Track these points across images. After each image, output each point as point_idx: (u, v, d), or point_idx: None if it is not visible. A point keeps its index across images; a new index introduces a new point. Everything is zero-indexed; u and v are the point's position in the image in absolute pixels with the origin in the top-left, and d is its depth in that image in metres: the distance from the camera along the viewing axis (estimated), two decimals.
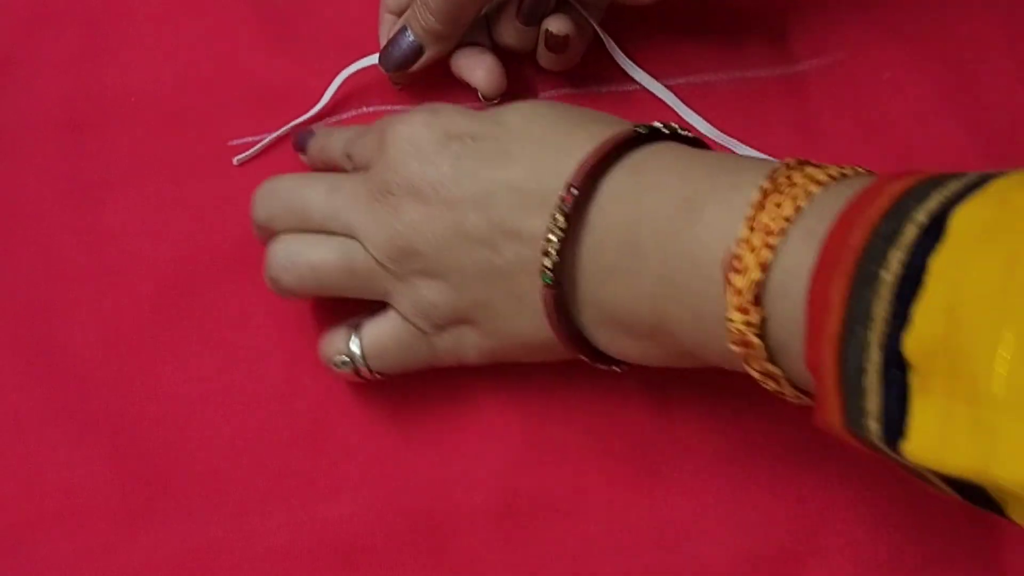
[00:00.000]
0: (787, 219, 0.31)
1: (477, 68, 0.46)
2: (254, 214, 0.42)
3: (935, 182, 0.29)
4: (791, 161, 0.33)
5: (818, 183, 0.32)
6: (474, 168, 0.38)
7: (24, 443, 0.43)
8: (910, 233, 0.28)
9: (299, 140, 0.46)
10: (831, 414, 0.30)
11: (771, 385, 0.33)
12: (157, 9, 0.49)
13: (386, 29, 0.46)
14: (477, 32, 0.46)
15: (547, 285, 0.36)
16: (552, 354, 0.39)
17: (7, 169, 0.46)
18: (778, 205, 0.32)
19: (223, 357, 0.44)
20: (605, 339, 0.37)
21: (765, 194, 0.32)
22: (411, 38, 0.44)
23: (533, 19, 0.44)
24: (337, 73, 0.47)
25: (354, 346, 0.40)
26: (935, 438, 0.27)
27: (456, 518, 0.41)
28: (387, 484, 0.42)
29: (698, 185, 0.35)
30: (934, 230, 0.28)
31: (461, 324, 0.39)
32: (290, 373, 0.44)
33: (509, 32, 0.45)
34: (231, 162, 0.47)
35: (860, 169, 0.33)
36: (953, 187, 0.28)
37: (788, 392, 0.33)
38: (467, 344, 0.40)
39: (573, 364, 0.39)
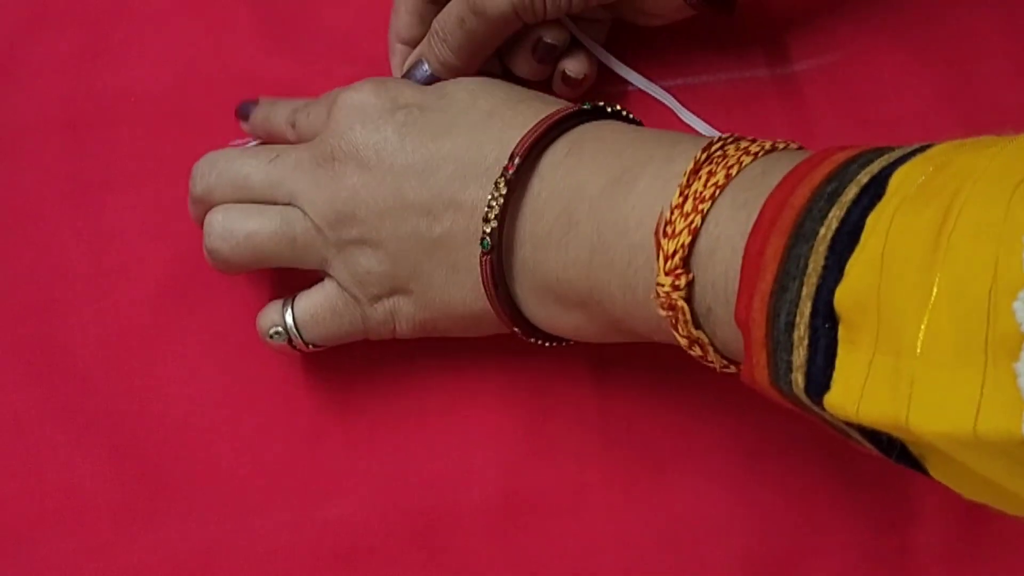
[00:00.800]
0: (718, 186, 0.32)
1: None
2: (192, 187, 0.41)
3: (881, 150, 0.30)
4: (726, 136, 0.34)
5: (751, 154, 0.33)
6: (419, 137, 0.38)
7: (24, 443, 0.43)
8: (851, 193, 0.28)
9: (242, 109, 0.46)
10: (758, 370, 0.30)
11: (696, 352, 0.33)
12: (157, 9, 0.49)
13: (398, 60, 0.46)
14: (487, 63, 0.46)
15: (485, 251, 0.37)
16: (484, 327, 0.39)
17: (7, 169, 0.46)
18: (711, 174, 0.33)
19: (223, 357, 0.44)
20: (538, 310, 0.38)
21: (698, 164, 0.33)
22: (427, 70, 0.44)
23: (549, 59, 0.44)
24: (334, 71, 0.47)
25: (287, 316, 0.40)
26: (856, 390, 0.27)
27: (456, 517, 0.41)
28: (386, 484, 0.42)
29: (635, 158, 0.35)
30: (874, 189, 0.28)
31: (396, 294, 0.39)
32: (289, 373, 0.44)
33: (524, 66, 0.45)
34: None
35: (792, 144, 0.34)
36: (898, 153, 0.29)
37: (713, 359, 0.33)
38: (401, 315, 0.40)
39: (573, 362, 0.39)
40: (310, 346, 0.41)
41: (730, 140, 0.34)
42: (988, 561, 0.40)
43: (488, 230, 0.36)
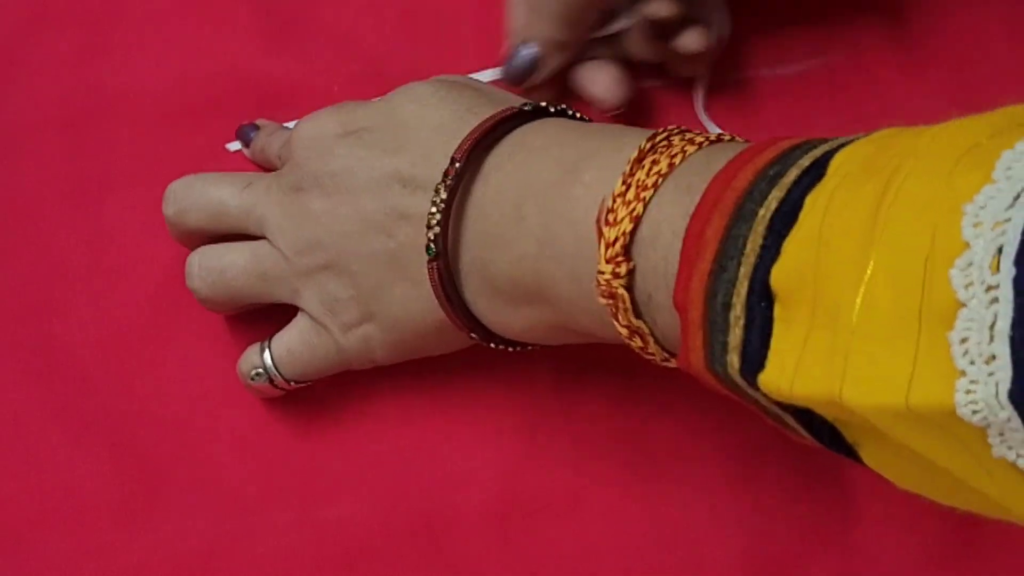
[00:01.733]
0: (661, 175, 0.32)
1: (599, 78, 0.45)
2: (164, 207, 0.42)
3: (826, 140, 0.30)
4: (672, 128, 0.34)
5: (695, 144, 0.33)
6: (369, 158, 0.39)
7: (24, 443, 0.43)
8: (792, 175, 0.29)
9: (243, 134, 0.46)
10: (694, 353, 0.30)
11: (636, 343, 0.33)
12: (157, 9, 0.49)
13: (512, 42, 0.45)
14: (597, 47, 0.45)
15: (431, 258, 0.37)
16: (450, 339, 0.39)
17: (7, 169, 0.46)
18: (655, 162, 0.33)
19: (223, 357, 0.44)
20: (489, 311, 0.38)
21: (643, 154, 0.33)
22: (530, 49, 0.44)
23: (658, 36, 0.43)
24: (335, 70, 0.47)
25: (266, 356, 0.41)
26: (791, 367, 0.26)
27: (456, 519, 0.41)
28: (386, 485, 0.42)
29: (580, 151, 0.35)
30: (815, 171, 0.28)
31: (365, 322, 0.40)
32: None
33: (636, 47, 0.45)
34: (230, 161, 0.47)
35: (738, 138, 0.34)
36: (841, 140, 0.29)
37: (654, 351, 0.33)
38: (374, 342, 0.40)
39: (572, 364, 0.39)
40: (291, 383, 0.41)
41: (675, 131, 0.34)
42: (986, 561, 0.40)
43: (432, 236, 0.37)
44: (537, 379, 0.43)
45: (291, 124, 0.46)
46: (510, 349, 0.39)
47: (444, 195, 0.36)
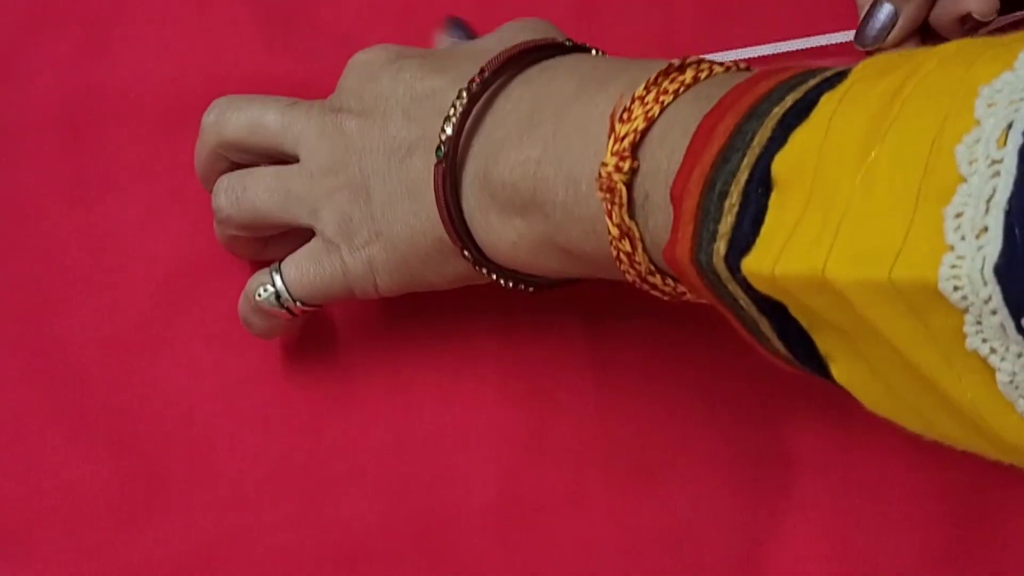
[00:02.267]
0: (684, 84, 0.32)
1: None
2: (206, 115, 0.42)
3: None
4: (704, 56, 0.34)
5: (723, 67, 0.33)
6: (411, 79, 0.39)
7: (23, 442, 0.43)
8: (813, 82, 0.28)
9: None
10: (680, 244, 0.30)
11: (625, 247, 0.33)
12: (157, 8, 0.49)
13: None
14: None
15: (439, 160, 0.37)
16: (446, 262, 0.39)
17: (7, 168, 0.46)
18: (680, 74, 0.33)
19: (222, 355, 0.44)
20: (481, 225, 0.37)
21: (671, 68, 0.33)
22: (888, 9, 0.43)
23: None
24: (337, 68, 0.47)
25: (275, 274, 0.41)
26: (777, 247, 0.26)
27: (456, 518, 0.41)
28: (387, 483, 0.42)
29: (609, 68, 0.36)
30: (837, 78, 0.28)
31: (372, 243, 0.39)
32: (288, 371, 0.44)
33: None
34: None
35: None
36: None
37: (640, 258, 0.33)
38: (378, 263, 0.39)
39: (573, 361, 0.39)
40: (297, 303, 0.41)
41: (707, 59, 0.34)
42: (989, 564, 0.41)
43: (443, 138, 0.36)
44: (536, 378, 0.43)
45: None
46: (500, 282, 0.39)
47: (465, 98, 0.36)
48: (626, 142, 0.32)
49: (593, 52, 0.39)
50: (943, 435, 0.26)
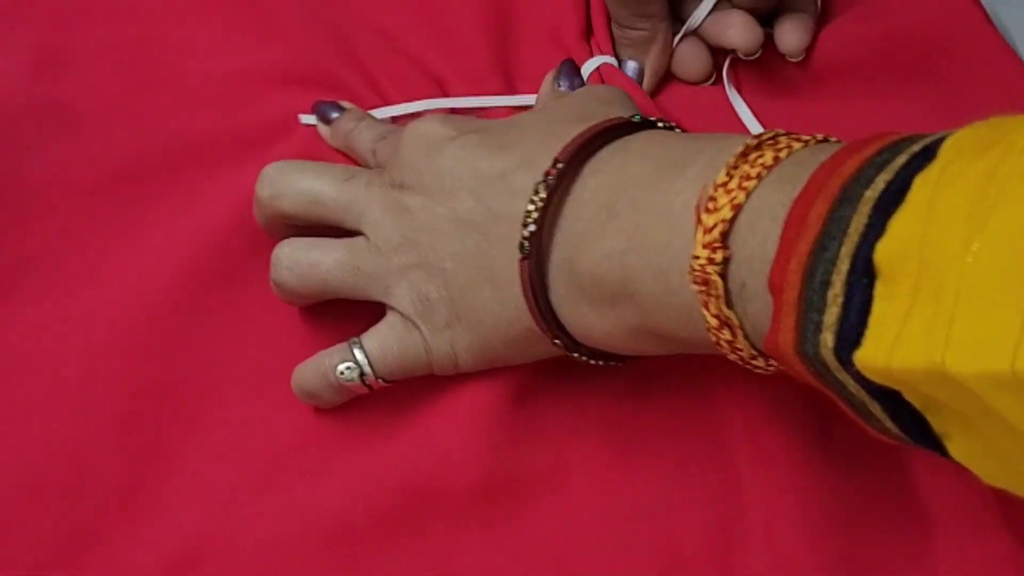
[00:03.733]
0: (765, 166, 0.32)
1: (732, 22, 0.47)
2: (258, 188, 0.42)
3: (941, 133, 0.29)
4: (779, 130, 0.34)
5: (802, 142, 0.33)
6: (474, 158, 0.39)
7: (34, 413, 0.42)
8: (901, 160, 0.28)
9: (323, 110, 0.47)
10: (783, 334, 0.29)
11: (725, 335, 0.33)
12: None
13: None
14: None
15: (523, 256, 0.36)
16: (535, 347, 0.39)
17: (60, 149, 0.47)
18: (760, 156, 0.32)
19: (242, 343, 0.44)
20: (572, 316, 0.37)
21: (748, 149, 0.33)
22: (632, 66, 0.48)
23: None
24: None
25: (358, 352, 0.41)
26: (890, 340, 0.26)
27: (441, 499, 0.41)
28: (370, 464, 0.42)
29: (684, 150, 0.35)
30: (925, 155, 0.28)
31: (453, 325, 0.39)
32: (274, 358, 0.44)
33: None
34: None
35: (841, 140, 0.34)
36: (955, 130, 0.28)
37: (742, 345, 0.33)
38: (460, 345, 0.40)
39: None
40: (379, 381, 0.41)
41: (782, 133, 0.34)
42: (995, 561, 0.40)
43: (527, 234, 0.36)
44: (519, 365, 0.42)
45: (376, 112, 0.47)
46: (591, 362, 0.39)
47: (543, 194, 0.36)
48: (715, 232, 0.32)
49: (659, 124, 0.38)
50: None
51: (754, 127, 0.48)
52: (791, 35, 0.47)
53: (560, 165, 0.36)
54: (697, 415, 0.42)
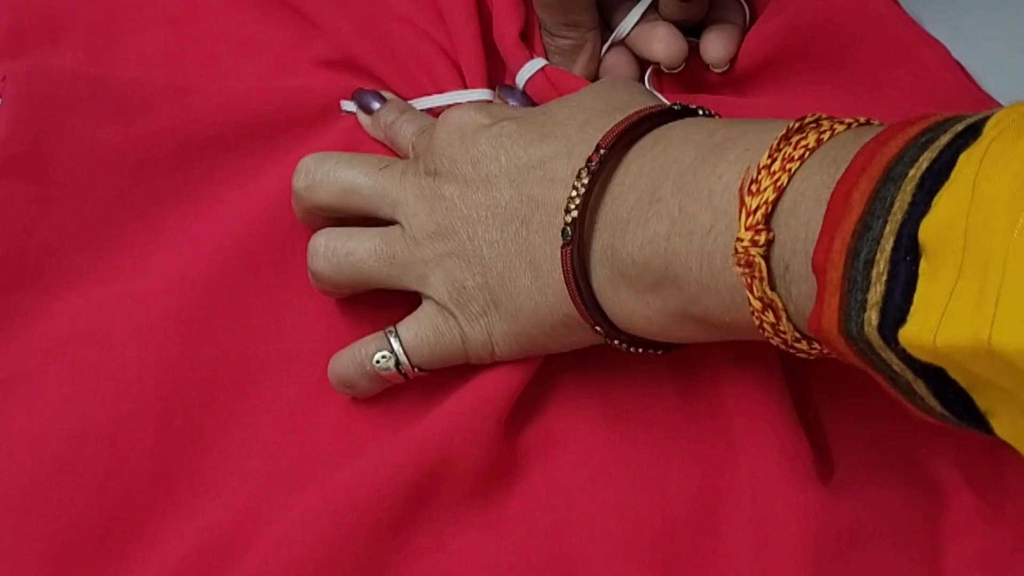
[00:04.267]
0: (808, 148, 0.32)
1: (656, 35, 0.47)
2: (295, 181, 0.42)
3: (983, 112, 0.29)
4: (821, 114, 0.34)
5: (844, 124, 0.33)
6: (512, 146, 0.39)
7: (73, 383, 0.43)
8: (944, 138, 0.28)
9: (363, 100, 0.47)
10: (827, 314, 0.29)
11: (768, 318, 0.33)
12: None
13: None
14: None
15: (565, 243, 0.36)
16: (575, 334, 0.39)
17: (101, 131, 0.47)
18: (802, 138, 0.32)
19: (281, 327, 0.44)
20: (614, 302, 0.37)
21: (790, 132, 0.33)
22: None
23: None
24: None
25: (394, 341, 0.41)
26: (935, 317, 0.26)
27: (440, 481, 0.41)
28: (390, 452, 0.41)
29: (726, 134, 0.35)
30: (969, 133, 0.28)
31: (490, 312, 0.39)
32: (278, 350, 0.44)
33: (670, 9, 0.46)
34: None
35: (883, 123, 0.33)
36: (999, 109, 0.28)
37: (785, 327, 0.33)
38: (497, 332, 0.40)
39: None
40: (415, 370, 0.41)
41: (824, 117, 0.34)
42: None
43: (569, 220, 0.36)
44: None
45: (416, 102, 0.47)
46: (631, 350, 0.39)
47: (585, 180, 0.36)
48: (759, 214, 0.32)
49: (700, 112, 0.39)
50: None
51: None
52: (716, 45, 0.47)
53: (603, 151, 0.36)
54: (685, 384, 0.42)
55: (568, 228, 0.36)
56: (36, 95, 0.46)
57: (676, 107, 0.38)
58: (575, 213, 0.36)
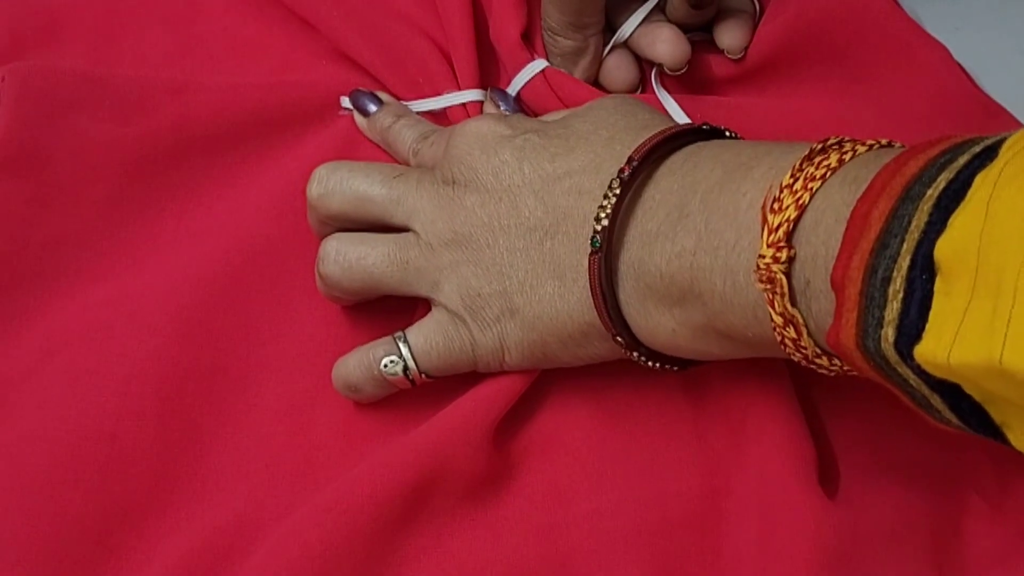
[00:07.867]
0: (830, 168, 0.32)
1: (660, 36, 0.47)
2: (309, 190, 0.42)
3: (1003, 134, 0.29)
4: (844, 136, 0.35)
5: (866, 146, 0.34)
6: (537, 159, 0.39)
7: (74, 382, 0.42)
8: (962, 160, 0.29)
9: (361, 101, 0.47)
10: (845, 330, 0.30)
11: (790, 333, 0.33)
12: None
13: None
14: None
15: (594, 250, 0.37)
16: (592, 345, 0.39)
17: (100, 128, 0.47)
18: (824, 158, 0.33)
19: (287, 326, 0.44)
20: (639, 314, 0.37)
21: (813, 153, 0.33)
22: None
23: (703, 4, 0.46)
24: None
25: (403, 346, 0.41)
26: (949, 335, 0.26)
27: (438, 483, 0.41)
28: (390, 455, 0.41)
29: (752, 153, 0.36)
30: (987, 155, 0.28)
31: (505, 319, 0.39)
32: (279, 350, 0.44)
33: (677, 11, 0.47)
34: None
35: (904, 145, 0.34)
36: (1019, 130, 0.29)
37: (806, 343, 0.33)
38: (510, 340, 0.40)
39: None
40: (423, 376, 0.41)
41: (847, 139, 0.34)
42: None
43: (599, 228, 0.37)
44: None
45: (412, 104, 0.47)
46: (649, 364, 0.39)
47: (617, 190, 0.36)
48: (780, 232, 0.32)
49: (727, 134, 0.39)
50: None
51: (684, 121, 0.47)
52: (732, 33, 0.47)
53: (635, 162, 0.37)
54: (690, 384, 0.42)
55: (597, 236, 0.37)
56: (35, 94, 0.46)
57: (705, 127, 0.39)
58: (605, 222, 0.37)
